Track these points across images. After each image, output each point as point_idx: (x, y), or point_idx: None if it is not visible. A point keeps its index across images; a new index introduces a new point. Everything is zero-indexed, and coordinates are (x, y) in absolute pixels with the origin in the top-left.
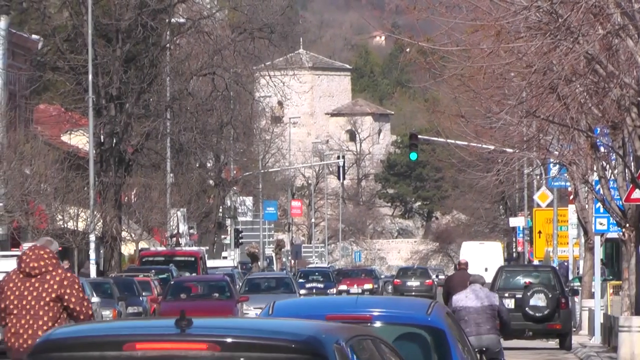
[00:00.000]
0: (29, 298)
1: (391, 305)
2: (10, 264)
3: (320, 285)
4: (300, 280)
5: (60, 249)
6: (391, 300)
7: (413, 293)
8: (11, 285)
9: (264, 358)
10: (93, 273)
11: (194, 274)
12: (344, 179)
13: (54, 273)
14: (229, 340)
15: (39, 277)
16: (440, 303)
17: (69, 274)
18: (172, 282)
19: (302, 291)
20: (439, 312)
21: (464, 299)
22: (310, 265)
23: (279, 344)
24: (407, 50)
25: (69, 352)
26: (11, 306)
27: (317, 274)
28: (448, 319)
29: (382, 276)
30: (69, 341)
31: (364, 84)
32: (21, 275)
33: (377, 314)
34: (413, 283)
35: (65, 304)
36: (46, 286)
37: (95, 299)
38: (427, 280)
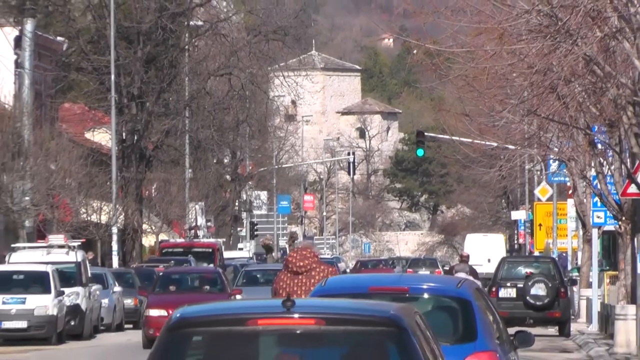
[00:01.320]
0: (299, 292)
1: (424, 279)
2: (37, 255)
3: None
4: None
5: (84, 240)
6: (426, 276)
7: None
8: (281, 284)
9: (359, 330)
10: (115, 264)
11: (211, 265)
12: (354, 174)
13: (317, 269)
14: (331, 316)
15: (305, 273)
16: (470, 280)
17: (331, 269)
18: (161, 274)
19: None
20: (467, 287)
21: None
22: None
23: (370, 319)
24: (414, 52)
25: (201, 327)
26: None
27: None
28: (476, 293)
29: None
30: (201, 319)
31: (373, 84)
32: (289, 274)
33: (414, 286)
34: (424, 272)
35: None
36: (312, 281)
37: (117, 288)
38: (437, 270)
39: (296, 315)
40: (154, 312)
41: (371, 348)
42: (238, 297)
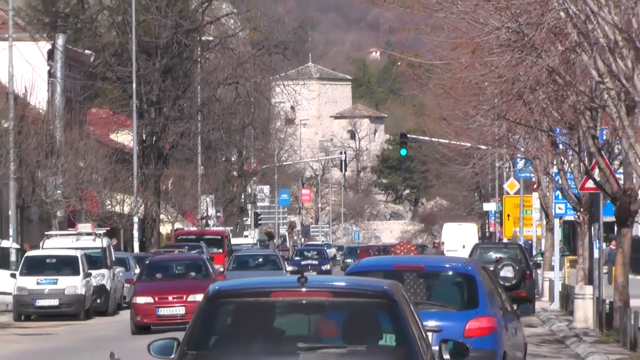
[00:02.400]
0: None
1: (438, 260)
2: (67, 242)
3: (315, 262)
4: (296, 258)
5: (108, 228)
6: (439, 257)
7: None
8: None
9: (358, 301)
10: (136, 249)
11: (220, 250)
12: (345, 170)
13: None
14: (336, 290)
15: None
16: (477, 260)
17: None
18: (147, 262)
19: (290, 268)
20: (474, 265)
21: None
22: (308, 243)
23: (367, 293)
24: (399, 63)
25: (233, 298)
26: None
27: (312, 251)
28: (481, 271)
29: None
30: (233, 291)
31: (362, 92)
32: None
33: (428, 264)
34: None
35: None
36: None
37: (137, 271)
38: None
39: (307, 290)
40: (140, 300)
41: (367, 315)
42: None
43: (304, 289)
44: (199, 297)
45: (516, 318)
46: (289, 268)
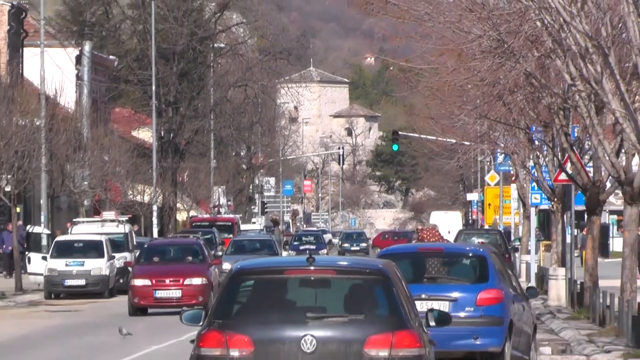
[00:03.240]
0: None
1: (455, 244)
2: (93, 228)
3: (313, 247)
4: (295, 243)
5: (130, 215)
6: (457, 244)
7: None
8: None
9: (357, 277)
10: (155, 234)
11: (230, 235)
12: (343, 164)
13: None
14: (339, 268)
15: None
16: (491, 246)
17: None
18: (145, 247)
19: (286, 253)
20: (486, 249)
21: None
22: (306, 228)
23: (365, 270)
24: (391, 68)
25: (252, 275)
26: None
27: (310, 236)
28: (492, 255)
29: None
30: (252, 269)
31: (358, 94)
32: None
33: (447, 248)
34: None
35: None
36: None
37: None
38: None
39: (315, 268)
40: (138, 282)
41: (365, 289)
42: (226, 265)
43: (312, 268)
44: (195, 281)
45: (525, 299)
46: (285, 253)
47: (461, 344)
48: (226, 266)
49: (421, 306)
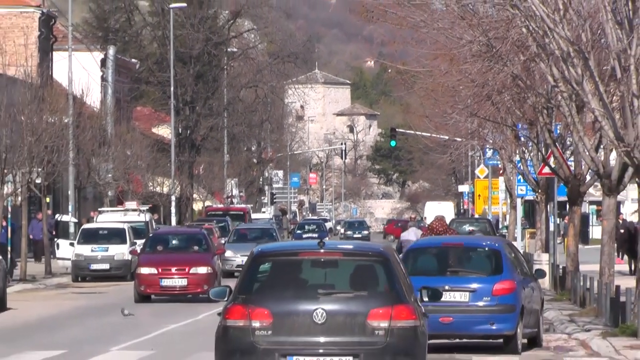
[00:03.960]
0: None
1: (473, 239)
2: (117, 216)
3: (314, 235)
4: (298, 231)
5: (150, 205)
6: (474, 237)
7: (392, 236)
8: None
9: (361, 259)
10: (173, 222)
11: (242, 223)
12: (345, 158)
13: (448, 232)
14: (346, 251)
15: (442, 234)
16: (506, 239)
17: (450, 230)
18: (150, 236)
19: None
20: (500, 242)
21: (406, 235)
22: (307, 217)
23: (368, 253)
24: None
25: (271, 257)
26: None
27: (312, 224)
28: (506, 246)
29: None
30: (271, 252)
31: (359, 94)
32: (432, 234)
33: (466, 242)
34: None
35: None
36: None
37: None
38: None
39: (325, 251)
40: (144, 270)
41: (368, 269)
42: (228, 253)
43: (322, 250)
44: (201, 270)
45: (534, 280)
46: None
47: (480, 328)
48: (229, 254)
49: (444, 296)
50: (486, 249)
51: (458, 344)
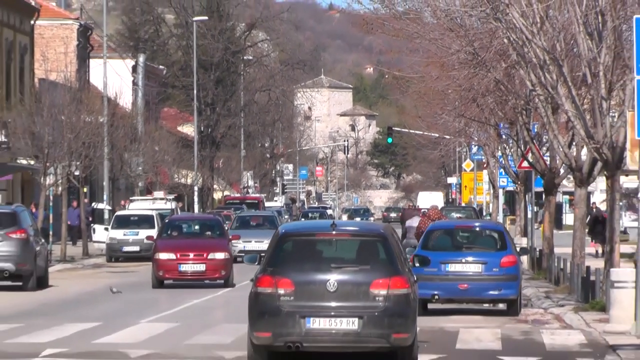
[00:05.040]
0: None
1: (482, 222)
2: (146, 204)
3: None
4: (302, 219)
5: (176, 195)
6: (482, 220)
7: (392, 221)
8: (423, 224)
9: (365, 238)
10: (196, 210)
11: (256, 210)
12: (347, 153)
13: (442, 219)
14: (353, 232)
15: (436, 220)
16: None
17: (443, 218)
18: (166, 221)
19: None
20: (501, 225)
21: (410, 222)
22: (311, 206)
23: (370, 233)
24: (386, 76)
25: (293, 237)
26: None
27: (315, 212)
28: (505, 229)
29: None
30: (293, 232)
31: (359, 97)
32: (428, 221)
33: (476, 225)
34: (392, 214)
35: None
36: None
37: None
38: (399, 214)
39: (336, 232)
40: (163, 256)
41: (370, 246)
42: (237, 242)
43: (334, 232)
44: (218, 255)
45: (519, 256)
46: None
47: (490, 293)
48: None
49: (462, 267)
50: (493, 230)
51: (448, 315)
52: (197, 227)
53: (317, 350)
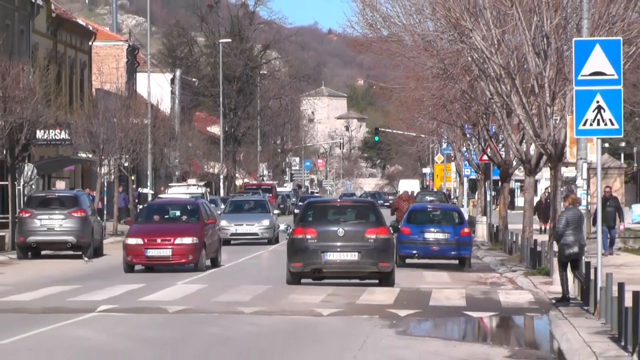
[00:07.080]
0: (405, 207)
1: (447, 205)
2: (181, 190)
3: None
4: (300, 203)
5: (206, 182)
6: (447, 204)
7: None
8: (398, 203)
9: (361, 205)
10: (222, 194)
11: (270, 194)
12: (343, 149)
13: (414, 202)
14: (353, 201)
15: (408, 201)
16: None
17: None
18: (145, 206)
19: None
20: (459, 207)
21: (397, 204)
22: (311, 191)
23: (364, 202)
24: (374, 87)
25: (315, 204)
26: None
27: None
28: (461, 209)
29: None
30: (315, 202)
31: (352, 104)
32: (403, 202)
33: (443, 207)
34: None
35: None
36: (411, 203)
37: (222, 206)
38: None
39: (341, 201)
40: (131, 241)
41: (365, 210)
42: (223, 222)
43: (339, 201)
44: (186, 240)
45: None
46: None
47: (452, 253)
48: (224, 223)
49: (434, 235)
50: (454, 211)
51: (422, 270)
52: (175, 211)
53: (331, 274)
